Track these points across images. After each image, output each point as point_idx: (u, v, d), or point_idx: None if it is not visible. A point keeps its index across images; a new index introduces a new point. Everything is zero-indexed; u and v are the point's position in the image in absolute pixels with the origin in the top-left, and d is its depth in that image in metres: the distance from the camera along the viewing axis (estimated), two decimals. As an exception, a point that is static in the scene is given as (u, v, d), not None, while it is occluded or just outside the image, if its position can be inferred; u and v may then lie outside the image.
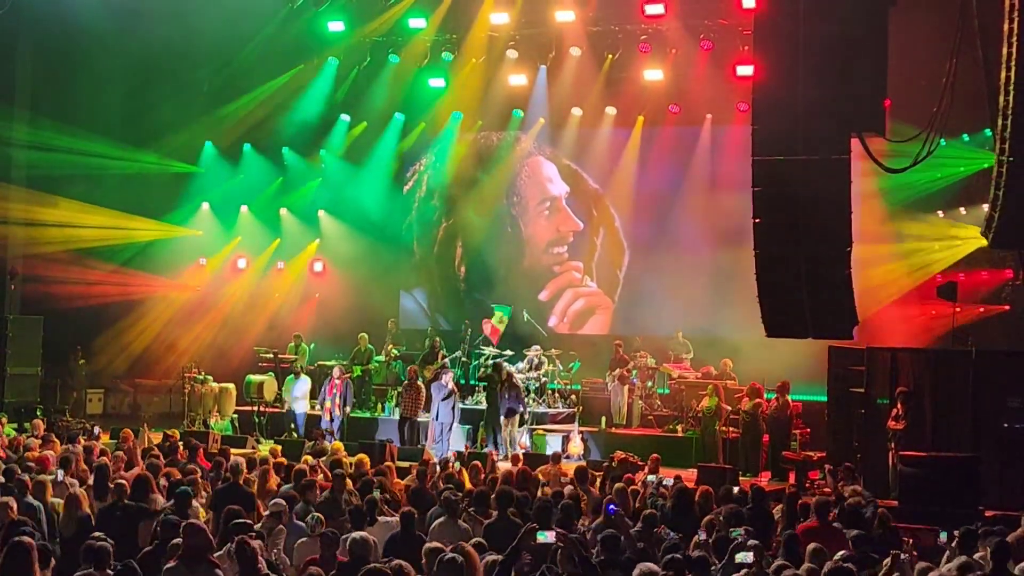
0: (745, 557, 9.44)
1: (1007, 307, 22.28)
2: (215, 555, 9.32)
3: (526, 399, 22.69)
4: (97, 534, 9.61)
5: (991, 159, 15.00)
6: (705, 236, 25.59)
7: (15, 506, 11.05)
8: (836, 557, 9.57)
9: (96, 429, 18.38)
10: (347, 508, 12.06)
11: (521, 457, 17.74)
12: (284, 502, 11.31)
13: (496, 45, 25.46)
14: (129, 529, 11.00)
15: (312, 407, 22.81)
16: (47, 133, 24.97)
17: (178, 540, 9.22)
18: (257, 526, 10.71)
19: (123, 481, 12.10)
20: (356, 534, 9.87)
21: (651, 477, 15.02)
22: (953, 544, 10.70)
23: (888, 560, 9.75)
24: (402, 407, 22.10)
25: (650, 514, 11.58)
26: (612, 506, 11.23)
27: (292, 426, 22.58)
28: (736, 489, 13.75)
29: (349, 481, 13.33)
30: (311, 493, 12.38)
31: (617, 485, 13.39)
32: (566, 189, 27.72)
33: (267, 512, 11.20)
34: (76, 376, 25.32)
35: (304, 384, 22.92)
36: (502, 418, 21.18)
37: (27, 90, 25.73)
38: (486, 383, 22.19)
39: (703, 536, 10.88)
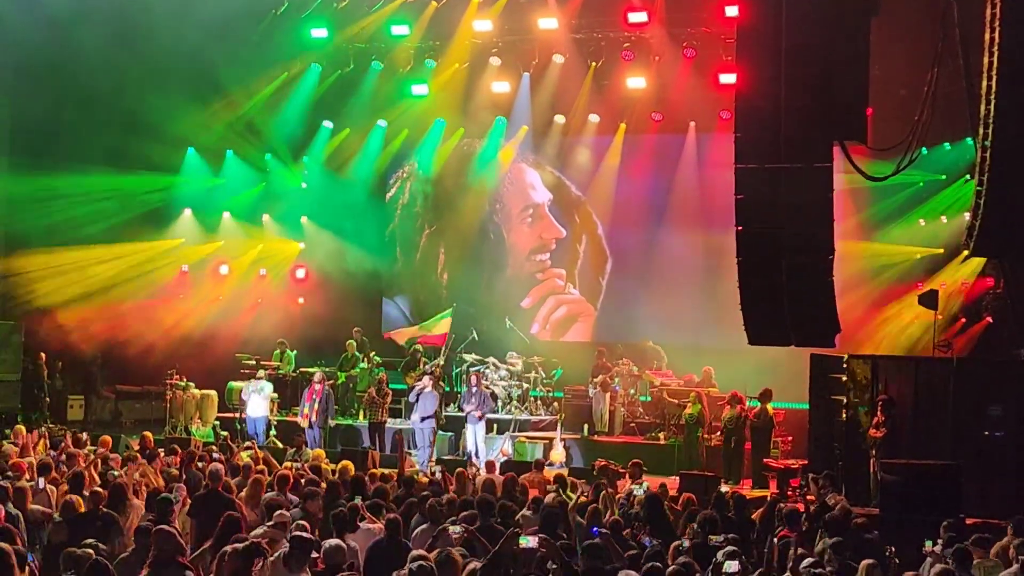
0: (731, 566, 9.40)
1: (988, 319, 22.32)
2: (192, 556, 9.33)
3: (509, 406, 22.83)
4: (89, 540, 9.53)
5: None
6: (688, 244, 25.63)
7: (2, 512, 11.01)
8: (804, 564, 9.59)
9: (84, 436, 18.22)
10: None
11: (497, 464, 17.64)
12: (288, 513, 11.09)
13: (479, 52, 25.50)
14: (105, 537, 10.91)
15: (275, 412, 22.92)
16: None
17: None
18: (257, 532, 10.30)
19: (99, 490, 12.02)
20: (331, 541, 9.70)
21: (634, 486, 14.98)
22: (939, 550, 10.72)
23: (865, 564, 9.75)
24: (370, 415, 22.15)
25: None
26: (596, 527, 11.14)
27: (239, 427, 22.55)
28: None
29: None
30: (312, 503, 12.20)
31: (591, 507, 13.21)
32: (549, 196, 27.73)
33: (271, 523, 10.72)
34: (56, 381, 25.12)
35: (260, 388, 22.48)
36: (468, 426, 21.24)
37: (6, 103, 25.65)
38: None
39: (686, 543, 10.83)
